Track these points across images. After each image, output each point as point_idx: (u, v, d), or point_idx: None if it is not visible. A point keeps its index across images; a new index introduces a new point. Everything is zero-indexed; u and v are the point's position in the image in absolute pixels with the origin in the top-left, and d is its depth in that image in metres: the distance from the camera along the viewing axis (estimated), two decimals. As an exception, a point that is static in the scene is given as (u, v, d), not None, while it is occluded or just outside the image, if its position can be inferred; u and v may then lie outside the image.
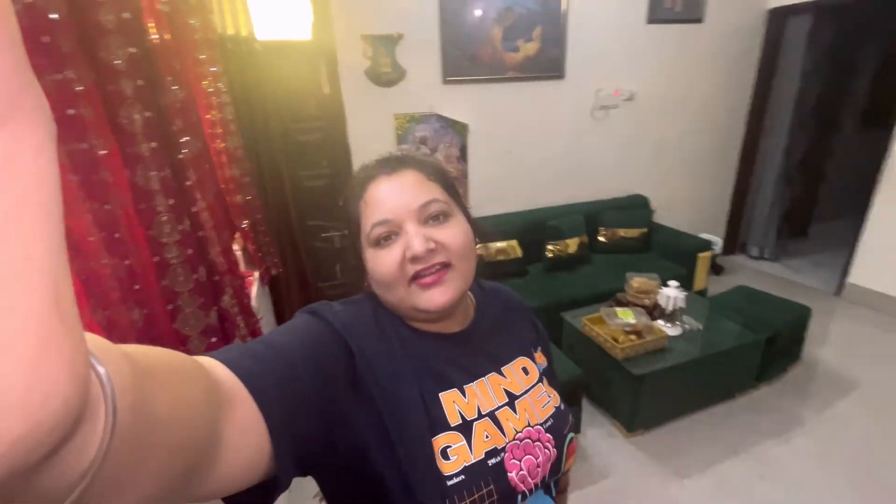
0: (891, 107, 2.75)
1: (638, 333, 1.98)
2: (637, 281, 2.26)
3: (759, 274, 3.59)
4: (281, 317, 2.37)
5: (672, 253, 2.93)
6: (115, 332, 0.91)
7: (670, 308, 2.08)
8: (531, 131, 2.91)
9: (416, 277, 0.48)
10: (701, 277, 2.85)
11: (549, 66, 2.80)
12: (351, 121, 2.51)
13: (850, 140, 4.16)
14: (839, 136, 4.09)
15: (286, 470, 0.36)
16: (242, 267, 1.87)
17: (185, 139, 0.94)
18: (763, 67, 3.35)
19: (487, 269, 2.69)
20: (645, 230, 3.05)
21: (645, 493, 1.71)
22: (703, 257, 2.82)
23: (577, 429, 1.92)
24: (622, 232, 3.01)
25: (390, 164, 0.51)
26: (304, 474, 0.42)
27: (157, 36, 0.86)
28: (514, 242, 2.75)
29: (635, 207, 3.18)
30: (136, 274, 0.89)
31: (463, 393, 0.50)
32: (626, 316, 2.04)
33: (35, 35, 0.71)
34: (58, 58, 0.74)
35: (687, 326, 2.10)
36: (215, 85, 1.68)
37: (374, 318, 0.50)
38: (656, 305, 2.15)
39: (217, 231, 1.03)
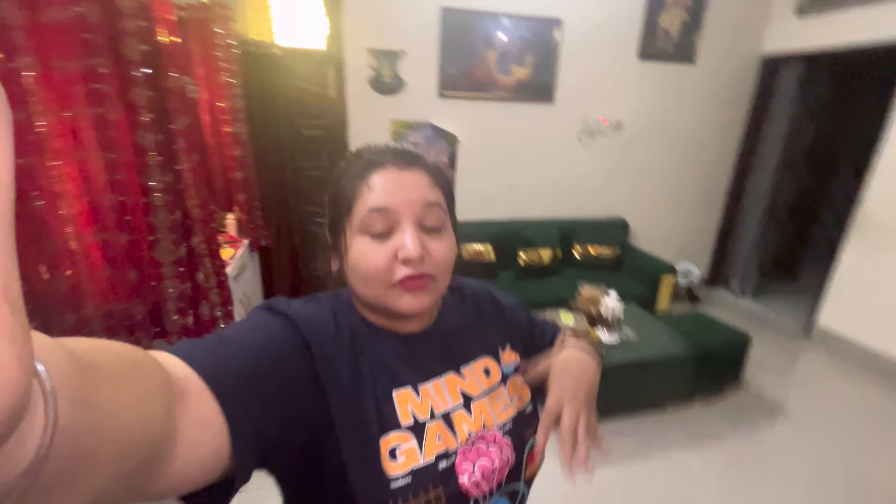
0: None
1: (575, 335, 2.18)
2: (587, 290, 2.45)
3: (735, 308, 3.67)
4: (269, 284, 2.69)
5: (640, 274, 3.10)
6: (108, 252, 1.22)
7: (610, 317, 2.26)
8: (518, 148, 3.16)
9: (399, 281, 0.47)
10: (664, 299, 2.99)
11: (539, 90, 3.06)
12: (352, 122, 2.84)
13: (848, 186, 4.19)
14: (836, 181, 4.14)
15: (246, 463, 0.36)
16: (235, 233, 2.20)
17: (179, 116, 1.26)
18: (753, 111, 3.50)
19: (460, 268, 2.92)
20: (618, 250, 3.22)
21: (547, 471, 1.89)
22: (667, 280, 2.97)
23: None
24: (593, 249, 3.20)
25: (404, 158, 0.50)
26: (262, 468, 0.42)
27: (166, 39, 1.19)
28: (488, 246, 3.00)
29: (613, 228, 3.36)
30: (128, 209, 1.20)
31: (417, 392, 0.50)
32: (567, 319, 2.24)
33: (78, 32, 1.04)
34: (92, 49, 1.07)
35: (624, 337, 2.28)
36: (230, 79, 2.03)
37: (332, 315, 0.49)
38: (600, 314, 2.33)
39: (196, 187, 1.34)
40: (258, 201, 2.32)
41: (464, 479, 0.48)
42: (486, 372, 0.57)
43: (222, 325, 1.49)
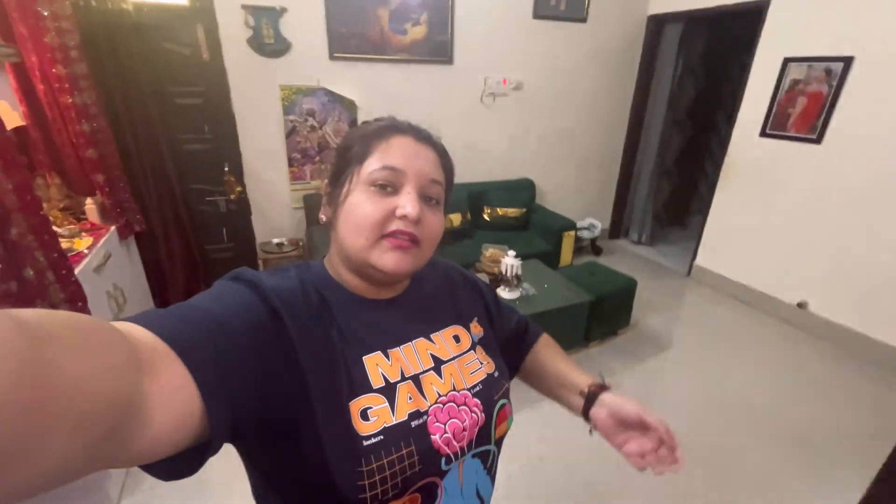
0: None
1: (478, 295, 2.25)
2: (490, 251, 2.53)
3: (633, 256, 4.02)
4: (158, 272, 2.46)
5: (545, 232, 3.25)
6: None
7: (510, 274, 2.36)
8: (421, 112, 3.10)
9: (389, 235, 0.49)
10: (566, 253, 3.18)
11: (437, 50, 2.98)
12: (235, 89, 2.59)
13: (724, 138, 4.65)
14: (714, 134, 4.57)
15: (219, 430, 0.36)
16: (97, 220, 1.95)
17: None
18: (642, 69, 3.70)
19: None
20: (525, 210, 3.34)
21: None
22: (568, 236, 3.15)
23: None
24: (501, 211, 3.29)
25: (422, 134, 0.55)
26: (232, 440, 0.42)
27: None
28: (397, 215, 2.96)
29: (521, 189, 3.47)
30: None
31: (387, 356, 0.51)
32: (470, 280, 2.31)
33: None
34: None
35: (524, 291, 2.40)
36: (60, 40, 1.73)
37: (300, 283, 0.50)
38: (501, 273, 2.43)
39: (7, 171, 1.14)
40: (124, 182, 2.07)
41: (435, 438, 0.50)
42: (456, 339, 0.60)
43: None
